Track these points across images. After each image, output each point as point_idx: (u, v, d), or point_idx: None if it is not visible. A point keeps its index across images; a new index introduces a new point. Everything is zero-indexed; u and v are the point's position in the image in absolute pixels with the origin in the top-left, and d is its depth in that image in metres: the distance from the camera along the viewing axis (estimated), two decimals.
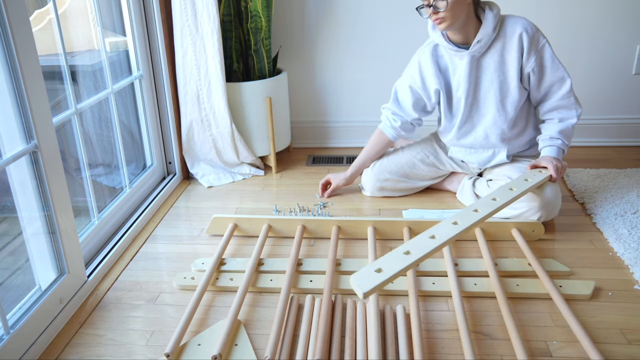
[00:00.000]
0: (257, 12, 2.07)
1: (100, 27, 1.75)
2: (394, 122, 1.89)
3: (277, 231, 1.73)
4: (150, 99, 2.09)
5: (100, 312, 1.39)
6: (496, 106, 1.72)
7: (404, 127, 1.90)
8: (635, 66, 2.31)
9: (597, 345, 1.19)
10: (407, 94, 1.83)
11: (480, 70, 1.71)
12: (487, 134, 1.78)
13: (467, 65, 1.69)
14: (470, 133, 1.82)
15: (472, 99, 1.75)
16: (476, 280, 1.42)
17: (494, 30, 1.63)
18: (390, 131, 1.91)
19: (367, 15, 2.35)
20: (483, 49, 1.66)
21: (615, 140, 2.44)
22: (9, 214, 1.34)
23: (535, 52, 1.63)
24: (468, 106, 1.76)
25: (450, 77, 1.76)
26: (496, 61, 1.67)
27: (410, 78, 1.81)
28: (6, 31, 1.15)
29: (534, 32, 1.63)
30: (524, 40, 1.62)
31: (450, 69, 1.75)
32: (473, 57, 1.68)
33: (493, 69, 1.68)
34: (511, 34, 1.64)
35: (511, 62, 1.66)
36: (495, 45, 1.66)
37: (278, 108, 2.26)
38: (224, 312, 1.36)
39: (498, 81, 1.69)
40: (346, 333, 1.22)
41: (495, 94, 1.71)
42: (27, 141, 1.25)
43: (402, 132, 1.91)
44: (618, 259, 1.54)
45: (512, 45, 1.64)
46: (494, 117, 1.74)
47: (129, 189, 1.92)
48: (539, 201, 1.64)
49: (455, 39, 1.68)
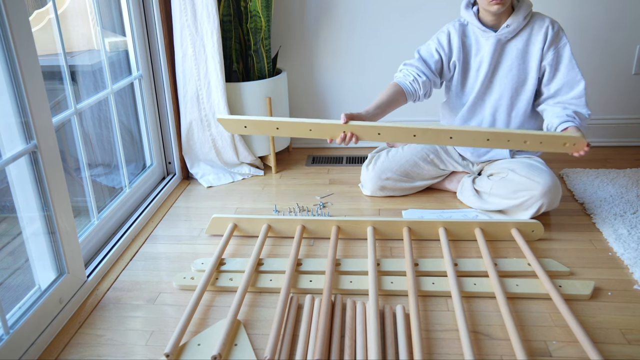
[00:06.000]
0: (257, 12, 2.07)
1: (100, 27, 1.75)
2: (419, 77, 1.76)
3: (277, 231, 1.73)
4: (150, 99, 2.09)
5: (100, 312, 1.39)
6: (510, 93, 1.77)
7: (426, 85, 1.77)
8: (635, 66, 2.31)
9: (596, 345, 1.19)
10: (433, 53, 1.81)
11: (502, 55, 1.76)
12: (495, 118, 1.82)
13: (492, 47, 1.74)
14: (477, 114, 1.85)
15: (489, 81, 1.79)
16: (476, 280, 1.42)
17: (525, 18, 1.69)
18: (411, 86, 1.76)
19: (367, 15, 2.35)
20: (511, 34, 1.71)
21: (615, 140, 2.44)
22: (9, 214, 1.34)
23: (555, 47, 1.69)
24: (483, 87, 1.80)
25: (472, 57, 1.80)
26: (520, 49, 1.73)
27: (437, 42, 1.82)
28: (6, 31, 1.15)
29: (559, 29, 1.70)
30: (549, 33, 1.68)
31: (473, 49, 1.80)
32: (499, 41, 1.73)
33: (515, 55, 1.73)
34: (539, 26, 1.70)
35: (534, 53, 1.71)
36: (522, 34, 1.72)
37: (278, 108, 2.26)
38: (224, 312, 1.36)
39: (517, 69, 1.74)
40: (346, 333, 1.22)
41: (511, 81, 1.76)
42: (27, 141, 1.25)
43: (421, 90, 1.77)
44: (618, 259, 1.54)
45: (538, 37, 1.70)
46: (506, 102, 1.78)
47: (128, 189, 1.92)
48: (540, 189, 1.65)
49: (486, 21, 1.73)
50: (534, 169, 1.71)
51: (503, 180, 1.75)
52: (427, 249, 1.63)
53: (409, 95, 1.77)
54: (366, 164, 2.03)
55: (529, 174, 1.70)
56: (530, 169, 1.72)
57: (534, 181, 1.67)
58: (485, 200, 1.79)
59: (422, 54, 1.83)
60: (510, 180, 1.73)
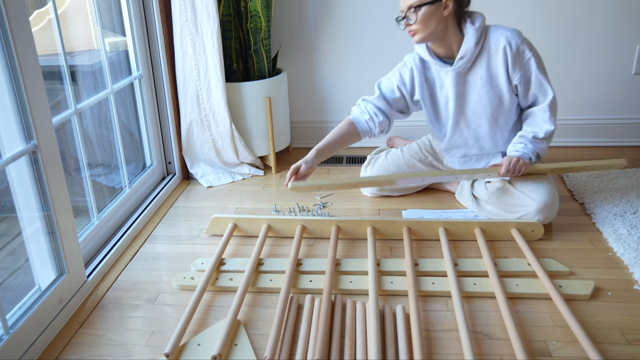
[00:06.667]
0: (257, 12, 2.07)
1: (100, 27, 1.75)
2: (376, 117, 1.74)
3: (277, 231, 1.73)
4: (150, 99, 2.09)
5: (100, 312, 1.39)
6: (487, 120, 1.70)
7: (382, 124, 1.75)
8: (635, 66, 2.31)
9: (596, 345, 1.19)
10: (394, 90, 1.74)
11: (466, 87, 1.66)
12: (481, 145, 1.78)
13: (453, 81, 1.65)
14: (461, 143, 1.80)
15: (460, 114, 1.72)
16: (476, 280, 1.42)
17: (477, 45, 1.57)
18: (366, 125, 1.74)
19: (366, 14, 2.35)
20: (467, 64, 1.61)
21: (615, 140, 2.44)
22: (9, 214, 1.34)
23: (520, 65, 1.58)
24: (457, 120, 1.73)
25: (438, 91, 1.72)
26: (483, 76, 1.62)
27: (399, 78, 1.73)
28: (6, 31, 1.15)
29: (518, 44, 1.56)
30: (508, 54, 1.56)
31: (437, 84, 1.71)
32: (458, 74, 1.64)
33: (480, 84, 1.64)
34: (495, 48, 1.58)
35: (500, 77, 1.61)
36: (481, 60, 1.60)
37: (278, 108, 2.26)
38: (224, 312, 1.36)
39: (487, 96, 1.65)
40: (346, 333, 1.22)
41: (485, 109, 1.67)
42: (27, 141, 1.25)
43: (377, 129, 1.75)
44: (618, 259, 1.54)
45: (497, 60, 1.59)
46: (486, 130, 1.72)
47: (128, 189, 1.92)
48: (535, 205, 1.63)
49: (440, 53, 1.64)
50: (531, 183, 1.67)
51: (499, 192, 1.72)
52: (427, 249, 1.63)
53: (363, 133, 1.76)
54: (365, 166, 2.03)
55: (525, 188, 1.67)
56: (527, 182, 1.68)
57: (530, 197, 1.65)
58: (483, 207, 1.79)
59: (383, 90, 1.76)
60: (507, 193, 1.71)
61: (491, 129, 1.72)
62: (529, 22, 2.27)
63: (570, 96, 2.38)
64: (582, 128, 2.44)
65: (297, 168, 1.65)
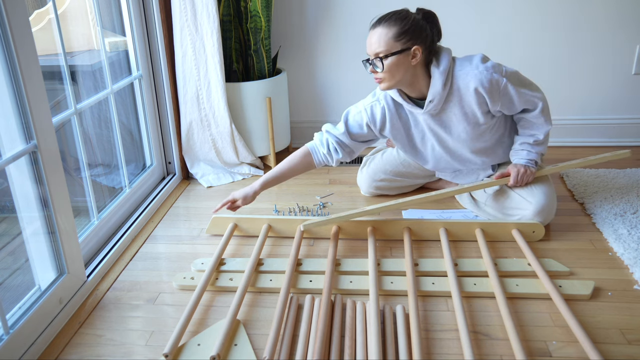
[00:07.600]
0: (257, 12, 2.07)
1: (100, 27, 1.75)
2: (335, 153, 1.71)
3: (277, 231, 1.73)
4: (150, 99, 2.09)
5: (100, 312, 1.39)
6: (468, 147, 1.68)
7: (338, 161, 1.74)
8: (635, 66, 2.31)
9: (596, 345, 1.19)
10: (363, 126, 1.70)
11: (441, 126, 1.64)
12: (469, 164, 1.79)
13: (427, 122, 1.64)
14: (448, 167, 1.82)
15: (441, 148, 1.71)
16: (476, 281, 1.42)
17: (444, 87, 1.52)
18: (324, 158, 1.73)
19: (366, 15, 2.35)
20: (438, 106, 1.57)
21: (615, 140, 2.43)
22: (9, 213, 1.34)
23: (499, 96, 1.53)
24: (437, 153, 1.74)
25: (413, 128, 1.70)
26: (457, 114, 1.59)
27: (370, 116, 1.68)
28: (6, 31, 1.15)
29: (490, 79, 1.49)
30: (483, 93, 1.52)
31: (411, 121, 1.69)
32: (432, 115, 1.62)
33: (457, 121, 1.61)
34: (465, 89, 1.53)
35: (476, 111, 1.57)
36: (452, 99, 1.57)
37: (278, 108, 2.26)
38: (224, 312, 1.36)
39: (466, 132, 1.63)
40: (346, 333, 1.22)
41: (465, 143, 1.67)
42: (27, 141, 1.25)
43: (333, 163, 1.74)
44: (618, 259, 1.54)
45: (469, 99, 1.54)
46: (472, 155, 1.73)
47: (128, 189, 1.92)
48: (532, 209, 1.63)
49: (411, 94, 1.60)
50: (528, 186, 1.66)
51: (497, 194, 1.73)
52: (427, 249, 1.63)
53: (318, 164, 1.76)
54: (361, 167, 2.03)
55: (522, 191, 1.67)
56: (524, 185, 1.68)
57: (527, 201, 1.65)
58: (482, 208, 1.79)
59: (350, 124, 1.71)
60: (504, 195, 1.71)
61: (478, 152, 1.72)
62: (529, 22, 2.27)
63: (570, 96, 2.38)
64: (582, 128, 2.44)
65: (234, 201, 1.72)
